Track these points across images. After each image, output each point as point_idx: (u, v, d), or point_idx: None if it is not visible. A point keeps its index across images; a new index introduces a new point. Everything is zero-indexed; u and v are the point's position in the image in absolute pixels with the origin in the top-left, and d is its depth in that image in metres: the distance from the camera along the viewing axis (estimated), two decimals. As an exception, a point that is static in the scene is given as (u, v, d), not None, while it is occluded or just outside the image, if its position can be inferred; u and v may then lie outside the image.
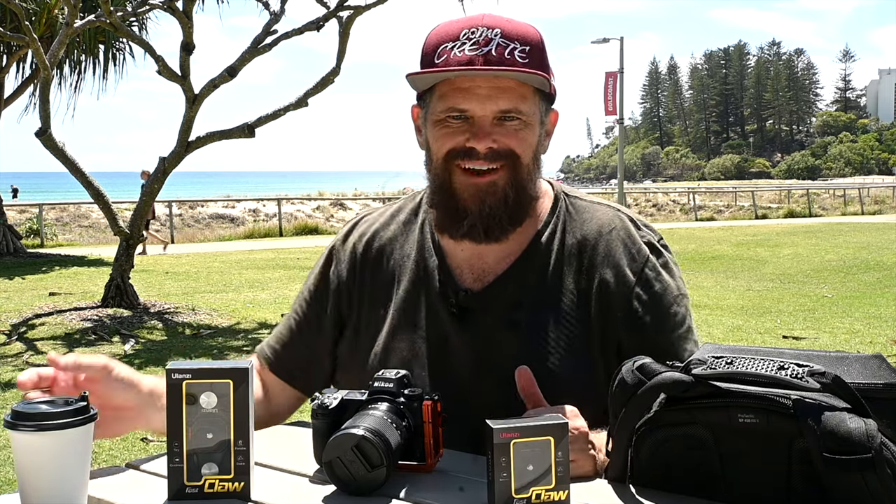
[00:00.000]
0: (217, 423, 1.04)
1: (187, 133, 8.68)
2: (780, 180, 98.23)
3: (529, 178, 1.35)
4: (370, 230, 1.49)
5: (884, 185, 47.23)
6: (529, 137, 1.33)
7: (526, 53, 1.30)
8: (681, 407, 1.04)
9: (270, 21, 8.82)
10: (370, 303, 1.44)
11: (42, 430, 0.99)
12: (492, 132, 1.30)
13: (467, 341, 1.36)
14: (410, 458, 1.13)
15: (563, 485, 1.01)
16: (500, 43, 1.29)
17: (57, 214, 22.80)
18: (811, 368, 0.98)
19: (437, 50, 1.31)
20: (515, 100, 1.30)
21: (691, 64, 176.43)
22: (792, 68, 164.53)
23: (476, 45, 1.29)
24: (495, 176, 1.32)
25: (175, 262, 14.59)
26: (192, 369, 1.04)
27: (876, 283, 11.19)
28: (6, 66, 13.60)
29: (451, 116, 1.32)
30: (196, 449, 1.04)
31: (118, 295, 8.73)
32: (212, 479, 1.04)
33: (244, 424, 1.04)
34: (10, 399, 5.45)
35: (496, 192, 1.32)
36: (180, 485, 1.04)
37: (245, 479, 1.04)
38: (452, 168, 1.33)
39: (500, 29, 1.30)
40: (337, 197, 31.34)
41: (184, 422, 1.04)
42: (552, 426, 1.02)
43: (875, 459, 0.91)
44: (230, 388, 1.03)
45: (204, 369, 1.04)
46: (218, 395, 1.03)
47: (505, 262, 1.38)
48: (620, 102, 24.59)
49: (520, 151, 1.32)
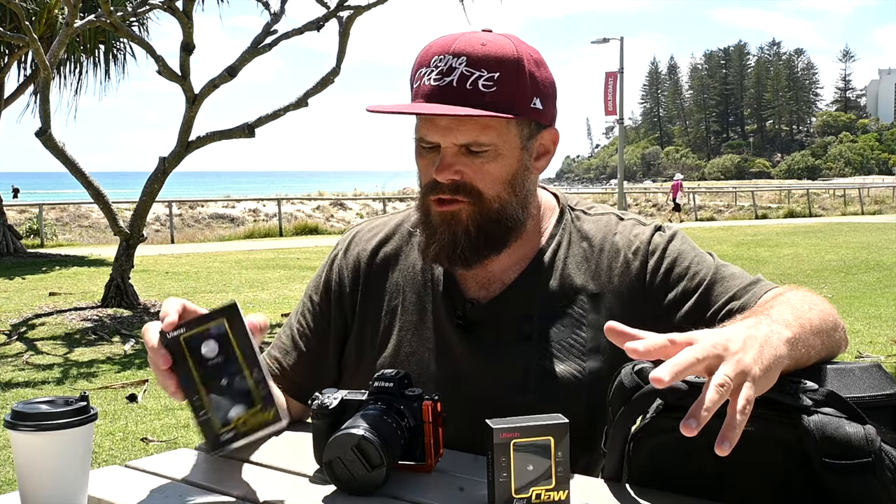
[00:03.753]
0: (227, 366, 1.04)
1: (187, 133, 8.68)
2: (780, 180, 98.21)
3: (503, 209, 1.32)
4: (374, 240, 1.48)
5: (884, 185, 47.23)
6: (498, 169, 1.30)
7: (494, 81, 1.24)
8: (676, 414, 1.04)
9: (270, 21, 8.82)
10: (374, 313, 1.43)
11: (42, 430, 0.99)
12: (455, 163, 1.28)
13: (475, 352, 1.35)
14: (410, 458, 1.13)
15: (563, 485, 1.01)
16: (463, 73, 1.25)
17: (57, 214, 22.79)
18: (804, 386, 0.98)
19: (416, 74, 1.31)
20: (475, 132, 1.27)
21: (691, 64, 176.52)
22: (792, 68, 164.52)
23: (440, 75, 1.26)
24: (456, 207, 1.30)
25: (175, 262, 14.59)
26: (185, 323, 1.05)
27: (876, 283, 11.19)
28: (6, 66, 13.60)
29: (423, 146, 1.32)
30: (216, 397, 1.04)
31: (118, 295, 8.73)
32: (242, 417, 1.03)
33: (252, 355, 1.03)
34: (10, 399, 5.45)
35: (459, 223, 1.30)
36: (215, 434, 1.03)
37: (272, 405, 1.03)
38: (428, 201, 1.33)
39: (465, 57, 1.25)
40: (337, 197, 31.34)
41: (195, 375, 1.04)
42: (552, 426, 1.01)
43: (875, 463, 0.91)
44: (226, 327, 1.04)
45: (194, 319, 1.05)
46: (217, 340, 1.04)
47: (511, 275, 1.38)
48: (620, 102, 24.59)
49: (482, 186, 1.29)
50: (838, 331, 1.17)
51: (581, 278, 1.36)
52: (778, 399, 0.97)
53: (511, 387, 1.32)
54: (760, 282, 1.31)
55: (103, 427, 4.85)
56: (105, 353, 7.00)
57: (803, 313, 1.11)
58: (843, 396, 0.96)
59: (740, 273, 1.34)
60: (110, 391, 5.78)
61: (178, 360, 1.05)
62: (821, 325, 1.12)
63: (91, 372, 6.36)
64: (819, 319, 1.12)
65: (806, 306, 1.14)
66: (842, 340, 1.18)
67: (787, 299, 1.17)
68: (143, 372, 6.30)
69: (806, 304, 1.15)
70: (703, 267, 1.34)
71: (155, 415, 5.17)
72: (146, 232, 9.54)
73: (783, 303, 1.14)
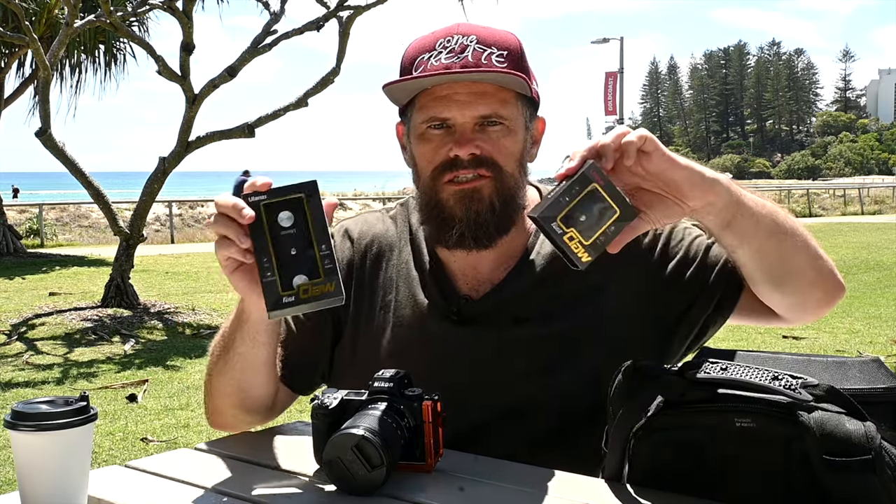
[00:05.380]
0: (298, 237, 1.08)
1: (187, 133, 8.68)
2: (780, 180, 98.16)
3: (516, 186, 1.34)
4: (368, 233, 1.48)
5: (884, 185, 47.21)
6: (512, 145, 1.32)
7: (504, 58, 1.29)
8: (678, 411, 1.04)
9: (270, 21, 8.82)
10: (369, 308, 1.43)
11: (42, 430, 0.99)
12: (474, 138, 1.29)
13: (471, 348, 1.35)
14: (410, 458, 1.13)
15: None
16: (476, 49, 1.29)
17: (57, 214, 22.79)
18: (805, 381, 0.98)
19: (414, 62, 1.31)
20: (495, 104, 1.29)
21: (691, 64, 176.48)
22: (792, 68, 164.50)
23: (452, 53, 1.29)
24: (479, 183, 1.31)
25: (175, 262, 14.59)
26: (267, 191, 1.09)
27: (876, 283, 11.19)
28: (6, 66, 13.60)
29: (433, 126, 1.31)
30: (285, 263, 1.08)
31: (118, 295, 8.72)
32: (305, 285, 1.07)
33: (323, 231, 1.08)
34: (10, 399, 5.45)
35: (482, 199, 1.31)
36: (277, 296, 1.07)
37: (335, 280, 1.07)
38: (440, 186, 1.32)
39: (475, 35, 1.30)
40: (337, 197, 31.30)
41: (268, 238, 1.08)
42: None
43: (875, 461, 0.91)
44: (303, 201, 1.08)
45: (276, 189, 1.09)
46: (293, 212, 1.08)
47: (500, 272, 1.38)
48: (620, 102, 24.61)
49: (502, 160, 1.31)
50: (828, 263, 1.27)
51: (573, 271, 1.37)
52: (778, 395, 0.97)
53: (507, 383, 1.32)
54: None
55: (103, 427, 4.85)
56: (105, 353, 7.00)
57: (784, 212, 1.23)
58: (842, 391, 0.97)
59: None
60: (110, 391, 5.78)
61: (255, 224, 1.08)
62: (795, 228, 1.22)
63: (91, 372, 6.36)
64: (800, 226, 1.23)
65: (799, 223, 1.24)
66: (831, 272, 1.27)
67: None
68: (143, 372, 6.31)
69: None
70: (695, 235, 1.37)
71: (155, 415, 5.17)
72: (146, 232, 9.54)
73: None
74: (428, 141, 1.32)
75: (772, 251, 1.19)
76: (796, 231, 1.21)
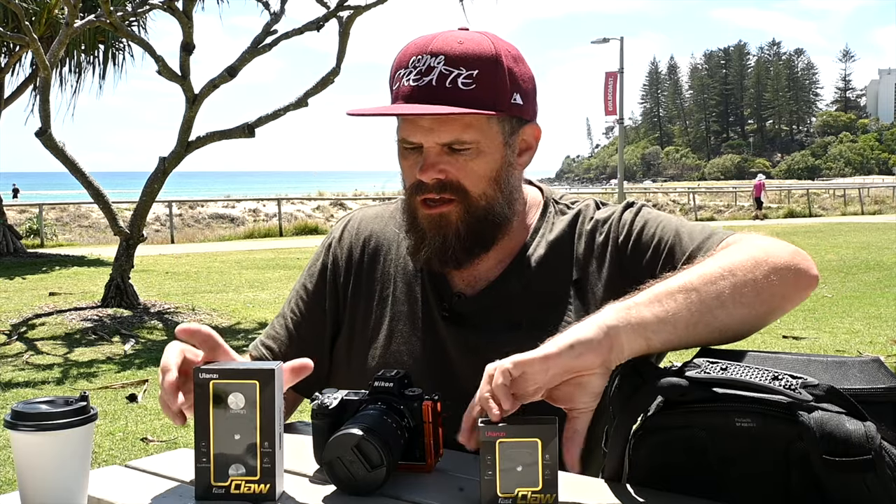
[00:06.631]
0: (244, 424, 1.03)
1: (187, 133, 8.68)
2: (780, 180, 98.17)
3: (488, 206, 1.33)
4: (367, 229, 1.49)
5: (884, 185, 47.24)
6: (482, 166, 1.30)
7: (473, 79, 1.25)
8: (677, 411, 1.04)
9: (270, 21, 8.83)
10: (366, 302, 1.44)
11: (42, 430, 0.99)
12: (438, 162, 1.29)
13: (464, 345, 1.36)
14: (410, 458, 1.13)
15: (550, 488, 1.00)
16: (441, 72, 1.25)
17: (57, 214, 22.80)
18: (805, 381, 0.98)
19: (395, 76, 1.31)
20: (457, 131, 1.28)
21: (691, 64, 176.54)
22: (792, 68, 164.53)
23: (418, 76, 1.26)
24: (446, 209, 1.31)
25: (175, 262, 14.59)
26: (219, 370, 1.04)
27: (876, 283, 11.19)
28: (6, 66, 13.60)
29: (406, 147, 1.32)
30: (223, 449, 1.03)
31: (118, 295, 8.73)
32: (238, 479, 1.03)
33: (270, 426, 1.03)
34: (10, 399, 5.45)
35: (448, 225, 1.31)
36: (207, 485, 1.04)
37: (271, 482, 1.03)
38: (416, 203, 1.33)
39: (443, 56, 1.26)
40: (337, 197, 31.37)
41: (211, 422, 1.03)
42: (540, 427, 1.00)
43: (875, 461, 0.91)
44: (256, 389, 1.03)
45: (230, 370, 1.04)
46: (245, 396, 1.03)
47: (496, 271, 1.39)
48: (620, 102, 24.60)
49: (469, 184, 1.30)
50: (772, 275, 1.14)
51: (563, 268, 1.38)
52: (778, 395, 0.97)
53: None
54: (712, 237, 1.30)
55: (103, 427, 4.85)
56: (105, 353, 7.00)
57: (690, 278, 1.12)
58: (842, 391, 0.97)
59: (700, 230, 1.33)
60: (110, 391, 5.78)
61: (202, 401, 1.03)
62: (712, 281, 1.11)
63: (91, 372, 6.36)
64: (716, 276, 1.12)
65: (714, 267, 1.14)
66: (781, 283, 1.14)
67: (696, 267, 1.16)
68: (143, 372, 6.31)
69: (717, 263, 1.15)
70: (666, 232, 1.34)
71: (155, 415, 5.17)
72: (146, 232, 9.54)
73: (685, 272, 1.15)
74: (405, 158, 1.34)
75: (711, 333, 1.12)
76: (735, 287, 1.12)
